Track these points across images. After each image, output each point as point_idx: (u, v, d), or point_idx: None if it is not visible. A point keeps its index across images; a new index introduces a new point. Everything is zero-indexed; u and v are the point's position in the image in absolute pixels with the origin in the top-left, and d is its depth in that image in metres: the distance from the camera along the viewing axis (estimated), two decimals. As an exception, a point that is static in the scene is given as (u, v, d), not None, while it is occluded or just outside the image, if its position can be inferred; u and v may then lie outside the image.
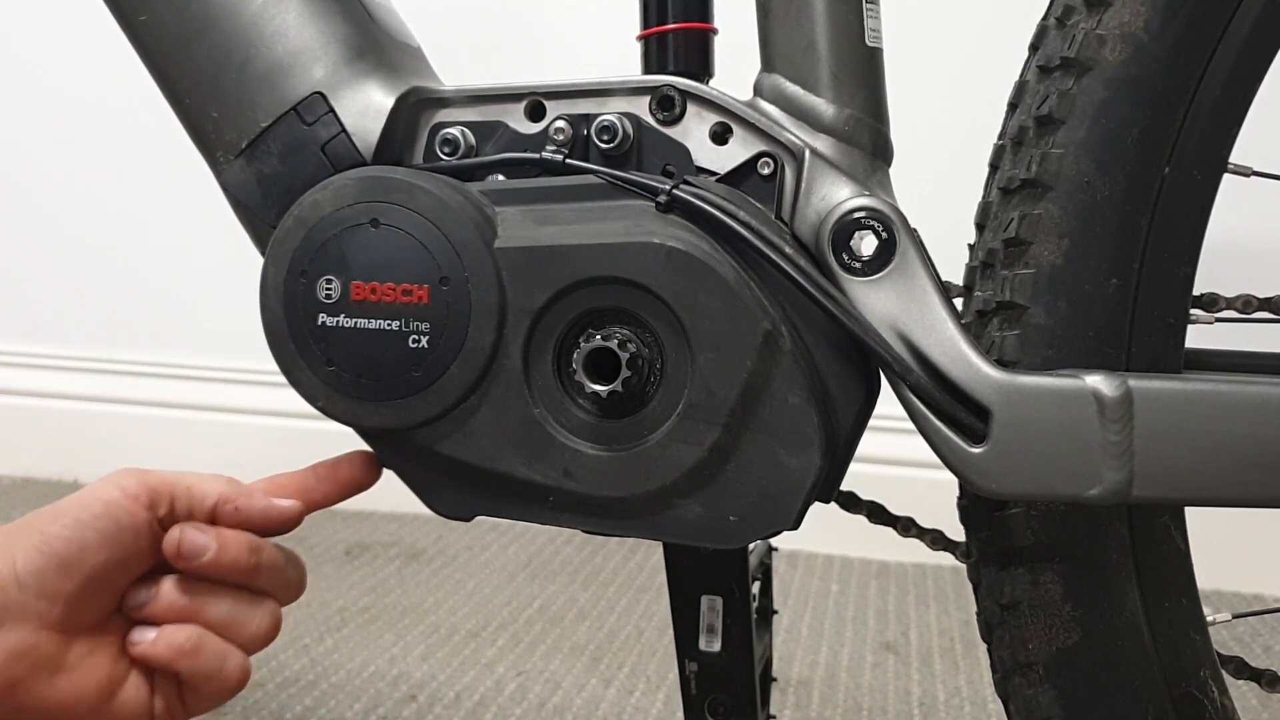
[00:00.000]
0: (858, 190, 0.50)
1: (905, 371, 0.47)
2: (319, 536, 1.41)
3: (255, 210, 0.55)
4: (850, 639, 1.15)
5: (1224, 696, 0.52)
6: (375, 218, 0.51)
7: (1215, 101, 0.47)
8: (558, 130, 0.53)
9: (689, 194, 0.49)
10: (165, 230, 1.59)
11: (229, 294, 1.50)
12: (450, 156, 0.54)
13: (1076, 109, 0.48)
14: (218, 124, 0.54)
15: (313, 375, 0.52)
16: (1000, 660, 0.53)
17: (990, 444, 0.46)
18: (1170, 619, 0.50)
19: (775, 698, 1.00)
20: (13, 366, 1.69)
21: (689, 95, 0.52)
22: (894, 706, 1.01)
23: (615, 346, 0.48)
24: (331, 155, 0.53)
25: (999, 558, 0.51)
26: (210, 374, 1.61)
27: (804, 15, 0.51)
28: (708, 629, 0.62)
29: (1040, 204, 0.48)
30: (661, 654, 1.09)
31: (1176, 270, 0.49)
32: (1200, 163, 0.48)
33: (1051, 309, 0.48)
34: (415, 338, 0.50)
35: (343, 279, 0.51)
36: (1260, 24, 0.47)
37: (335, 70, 0.54)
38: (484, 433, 0.51)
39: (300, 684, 1.02)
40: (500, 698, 1.00)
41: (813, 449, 0.48)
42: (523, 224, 0.50)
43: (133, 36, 0.56)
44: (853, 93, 0.51)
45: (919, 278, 0.48)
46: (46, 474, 1.65)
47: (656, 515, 0.50)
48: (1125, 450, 0.45)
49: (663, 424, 0.49)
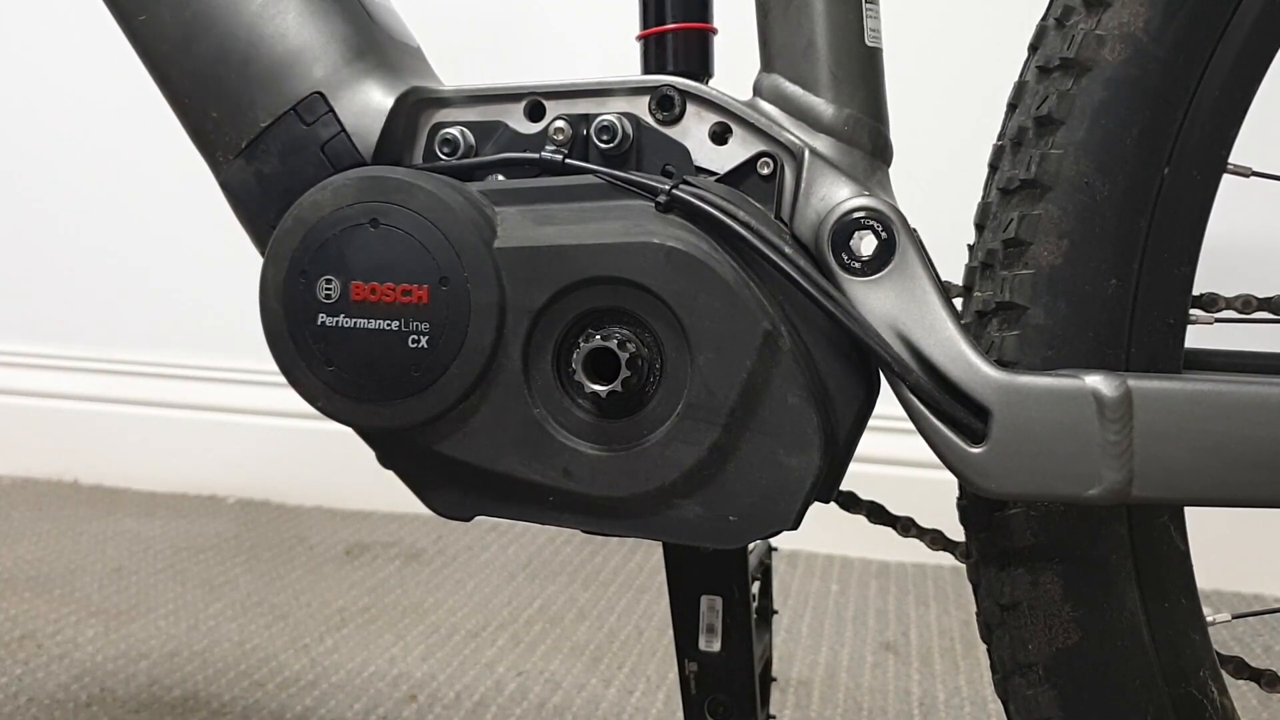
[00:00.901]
0: (857, 190, 0.50)
1: (905, 371, 0.47)
2: (319, 536, 1.41)
3: (255, 210, 0.55)
4: (850, 639, 1.15)
5: (1224, 696, 0.52)
6: (375, 218, 0.51)
7: (1215, 102, 0.47)
8: (557, 130, 0.53)
9: (688, 194, 0.49)
10: (165, 230, 1.59)
11: (229, 294, 1.51)
12: (450, 156, 0.54)
13: (1076, 109, 0.48)
14: (217, 124, 0.54)
15: (312, 375, 0.52)
16: (1000, 661, 0.53)
17: (990, 444, 0.46)
18: (1170, 619, 0.50)
19: (775, 698, 1.00)
20: (13, 366, 1.69)
21: (688, 95, 0.52)
22: (894, 706, 1.01)
23: (615, 346, 0.48)
24: (331, 155, 0.53)
25: (999, 558, 0.51)
26: (210, 374, 1.61)
27: (803, 15, 0.51)
28: (708, 629, 0.62)
29: (1040, 204, 0.48)
30: (661, 654, 1.09)
31: (1176, 270, 0.49)
32: (1200, 163, 0.48)
33: (1051, 309, 0.48)
34: (415, 338, 0.50)
35: (342, 279, 0.51)
36: (1260, 24, 0.47)
37: (335, 70, 0.54)
38: (483, 433, 0.51)
39: (300, 684, 1.02)
40: (500, 698, 1.00)
41: (812, 449, 0.48)
42: (522, 224, 0.50)
43: (132, 37, 0.56)
44: (852, 93, 0.51)
45: (918, 278, 0.48)
46: (46, 474, 1.65)
47: (656, 515, 0.50)
48: (1125, 450, 0.45)
49: (662, 424, 0.49)
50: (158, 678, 1.02)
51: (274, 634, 1.12)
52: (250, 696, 0.99)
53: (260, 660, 1.06)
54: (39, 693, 0.98)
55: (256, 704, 0.98)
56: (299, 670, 1.05)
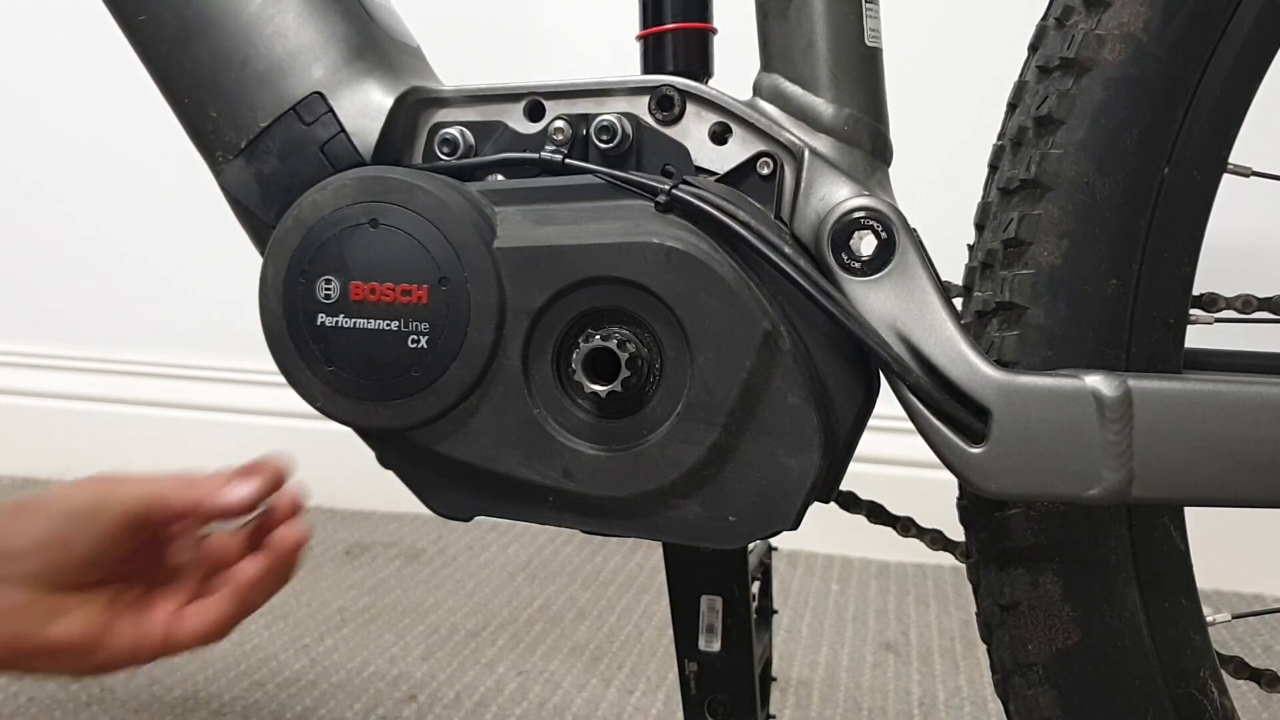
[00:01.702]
0: (857, 190, 0.50)
1: (904, 371, 0.47)
2: (319, 536, 1.40)
3: (254, 210, 0.55)
4: (850, 639, 1.15)
5: (1224, 697, 0.52)
6: (374, 218, 0.51)
7: (1215, 101, 0.47)
8: (557, 130, 0.53)
9: (688, 194, 0.49)
10: (165, 230, 1.59)
11: (229, 294, 1.50)
12: (449, 156, 0.54)
13: (1076, 109, 0.48)
14: (217, 124, 0.54)
15: (312, 375, 0.52)
16: (1000, 661, 0.53)
17: (990, 444, 0.46)
18: (1170, 619, 0.50)
19: (775, 698, 1.00)
20: (13, 366, 1.69)
21: (688, 95, 0.52)
22: (894, 706, 1.01)
23: (615, 346, 0.48)
24: (331, 155, 0.53)
25: (998, 558, 0.51)
26: (210, 374, 1.61)
27: (803, 15, 0.51)
28: (707, 629, 0.62)
29: (1040, 204, 0.48)
30: (661, 654, 1.09)
31: (1176, 270, 0.49)
32: (1200, 163, 0.48)
33: (1051, 309, 0.48)
34: (414, 338, 0.50)
35: (342, 279, 0.51)
36: (1260, 24, 0.47)
37: (334, 70, 0.54)
38: (483, 433, 0.51)
39: (300, 684, 1.02)
40: (500, 698, 1.00)
41: (812, 449, 0.48)
42: (522, 224, 0.50)
43: (132, 36, 0.56)
44: (852, 92, 0.51)
45: (918, 278, 0.48)
46: (46, 474, 1.65)
47: (656, 515, 0.50)
48: (1124, 450, 0.45)
49: (662, 424, 0.49)
50: (158, 678, 1.02)
51: (274, 634, 1.12)
52: (250, 696, 0.99)
53: (260, 660, 1.06)
54: (39, 693, 0.98)
55: (256, 704, 0.98)
56: (299, 670, 1.05)
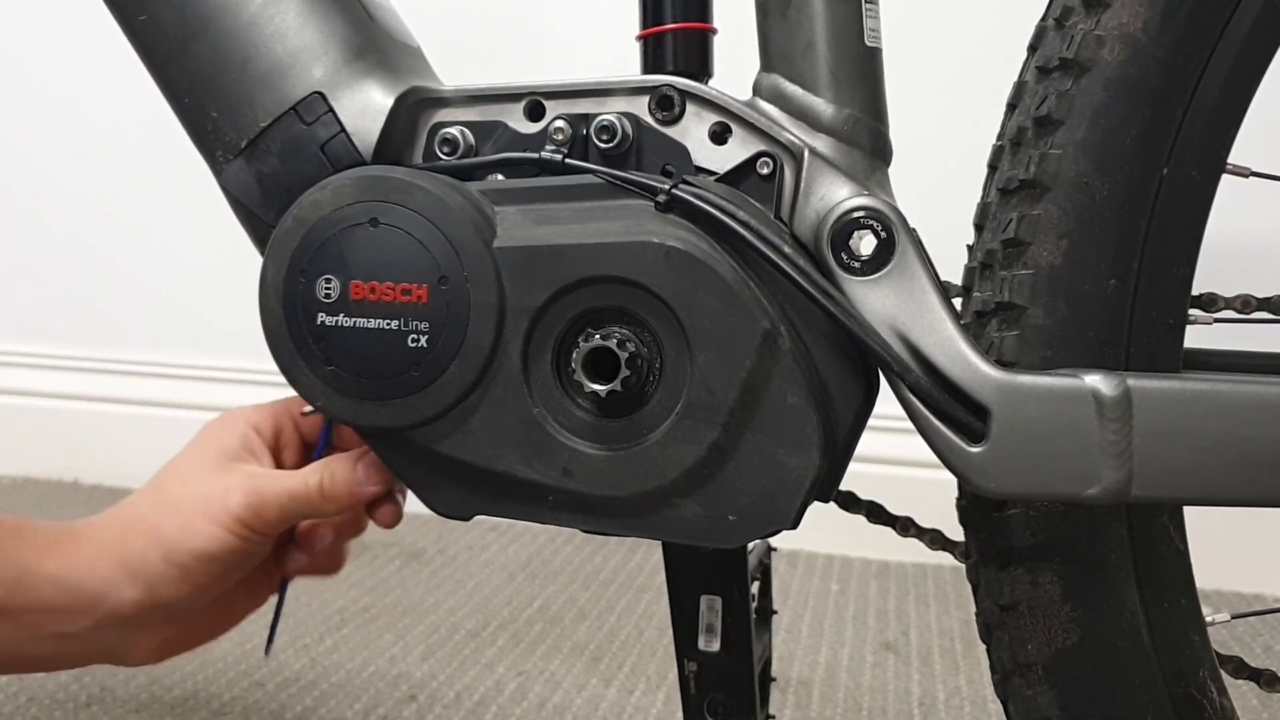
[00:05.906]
0: (857, 190, 0.50)
1: (904, 371, 0.47)
2: (319, 536, 1.40)
3: (255, 210, 0.55)
4: (850, 639, 1.15)
5: (1223, 697, 0.52)
6: (374, 217, 0.51)
7: (1214, 102, 0.47)
8: (557, 130, 0.53)
9: (688, 193, 0.49)
10: (165, 230, 1.59)
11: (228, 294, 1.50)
12: (450, 156, 0.54)
13: (1075, 110, 0.48)
14: (217, 124, 0.54)
15: (312, 375, 0.52)
16: (999, 661, 0.53)
17: (989, 444, 0.46)
18: (1169, 619, 0.50)
19: (775, 698, 1.00)
20: (13, 366, 1.69)
21: (688, 95, 0.52)
22: (894, 706, 1.01)
23: (614, 346, 0.48)
24: (331, 155, 0.53)
25: (998, 558, 0.51)
26: (210, 374, 1.61)
27: (803, 15, 0.51)
28: (707, 629, 0.62)
29: (1039, 204, 0.48)
30: (661, 654, 1.09)
31: (1175, 270, 0.49)
32: (1199, 163, 0.48)
33: (1050, 309, 0.48)
34: (414, 337, 0.50)
35: (342, 278, 0.51)
36: (1259, 24, 0.47)
37: (334, 70, 0.54)
38: (483, 432, 0.51)
39: (300, 684, 1.02)
40: (500, 698, 1.00)
41: (812, 448, 0.48)
42: (522, 223, 0.50)
43: (132, 36, 0.56)
44: (852, 92, 0.51)
45: (918, 277, 0.48)
46: (46, 474, 1.65)
47: (656, 514, 0.50)
48: (1124, 450, 0.45)
49: (662, 423, 0.49)
50: (158, 678, 1.02)
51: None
52: (250, 696, 0.99)
53: (260, 660, 1.06)
54: (39, 693, 0.98)
55: (256, 704, 0.98)
56: (299, 670, 1.05)
